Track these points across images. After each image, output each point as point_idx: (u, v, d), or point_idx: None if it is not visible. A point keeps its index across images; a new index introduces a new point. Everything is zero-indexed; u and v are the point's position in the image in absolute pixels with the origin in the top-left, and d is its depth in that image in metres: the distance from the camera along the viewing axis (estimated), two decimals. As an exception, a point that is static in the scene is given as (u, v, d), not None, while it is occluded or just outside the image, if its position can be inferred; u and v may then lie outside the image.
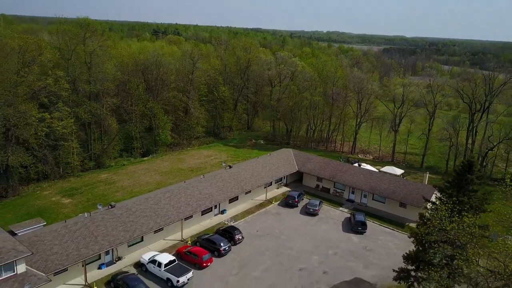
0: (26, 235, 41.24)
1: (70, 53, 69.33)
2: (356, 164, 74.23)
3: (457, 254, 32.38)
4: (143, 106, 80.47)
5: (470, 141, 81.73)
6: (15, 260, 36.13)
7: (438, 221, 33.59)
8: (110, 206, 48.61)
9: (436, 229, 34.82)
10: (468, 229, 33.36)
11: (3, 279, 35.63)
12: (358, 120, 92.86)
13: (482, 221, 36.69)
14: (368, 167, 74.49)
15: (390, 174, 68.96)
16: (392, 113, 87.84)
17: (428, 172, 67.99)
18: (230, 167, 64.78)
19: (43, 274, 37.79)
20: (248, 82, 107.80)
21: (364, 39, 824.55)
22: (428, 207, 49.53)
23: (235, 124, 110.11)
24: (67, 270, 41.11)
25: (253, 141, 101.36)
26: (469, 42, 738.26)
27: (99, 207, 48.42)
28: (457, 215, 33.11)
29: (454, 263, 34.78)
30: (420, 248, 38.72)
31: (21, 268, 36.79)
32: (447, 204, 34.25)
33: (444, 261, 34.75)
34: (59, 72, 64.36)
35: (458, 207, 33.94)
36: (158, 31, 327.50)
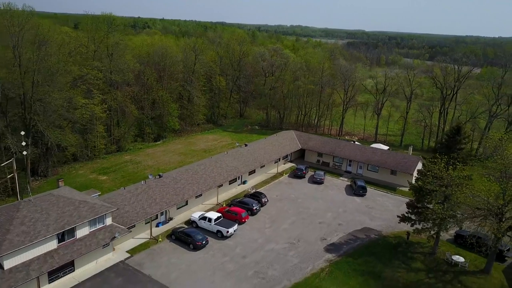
0: (97, 198, 49.22)
1: (96, 46, 76.06)
2: (352, 142, 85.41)
3: (453, 192, 43.69)
4: (156, 94, 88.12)
5: (442, 121, 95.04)
6: (105, 214, 44.46)
7: (437, 170, 44.77)
8: (159, 176, 57.11)
9: (434, 178, 46.07)
10: (457, 177, 44.89)
11: (97, 229, 43.87)
12: (345, 106, 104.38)
13: (467, 173, 48.18)
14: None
15: (379, 148, 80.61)
16: (375, 98, 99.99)
17: (412, 146, 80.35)
18: (246, 145, 74.28)
19: (123, 227, 46.24)
20: (241, 72, 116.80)
21: (327, 33, 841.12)
22: (415, 175, 61.45)
23: (230, 112, 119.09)
24: (135, 226, 49.50)
25: (249, 126, 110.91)
26: (425, 36, 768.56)
27: (150, 176, 56.95)
28: (451, 166, 44.47)
29: (446, 203, 46.20)
30: (419, 197, 50.02)
31: (108, 221, 45.11)
32: (443, 159, 45.52)
33: (439, 201, 45.94)
34: (95, 62, 71.21)
35: (451, 160, 45.32)
36: (127, 25, 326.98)
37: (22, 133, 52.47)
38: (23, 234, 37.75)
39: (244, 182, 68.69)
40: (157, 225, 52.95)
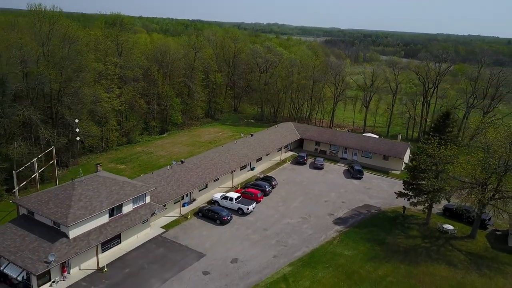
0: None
1: (111, 43, 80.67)
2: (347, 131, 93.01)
3: (444, 168, 51.49)
4: (162, 89, 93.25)
5: (424, 113, 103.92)
6: (145, 193, 50.18)
7: (430, 150, 52.44)
8: (181, 162, 62.94)
9: (427, 157, 53.68)
10: (448, 155, 52.68)
11: (139, 206, 49.56)
12: (335, 99, 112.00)
13: (456, 152, 56.00)
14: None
15: (372, 137, 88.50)
16: (363, 92, 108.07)
17: (400, 134, 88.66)
18: (251, 135, 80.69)
19: (160, 205, 52.04)
20: (235, 69, 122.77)
21: (304, 30, 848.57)
22: (406, 161, 69.36)
23: (225, 107, 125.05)
24: (165, 205, 55.23)
25: (245, 120, 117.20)
26: (399, 34, 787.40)
27: (174, 162, 62.74)
28: (443, 146, 52.24)
29: (439, 177, 53.92)
30: (414, 175, 57.66)
31: (147, 199, 50.85)
32: (435, 139, 53.24)
33: (432, 175, 53.58)
34: (114, 59, 75.90)
35: (442, 141, 53.09)
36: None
37: (76, 120, 57.31)
38: (82, 208, 43.17)
39: (252, 169, 75.10)
40: (183, 205, 58.75)
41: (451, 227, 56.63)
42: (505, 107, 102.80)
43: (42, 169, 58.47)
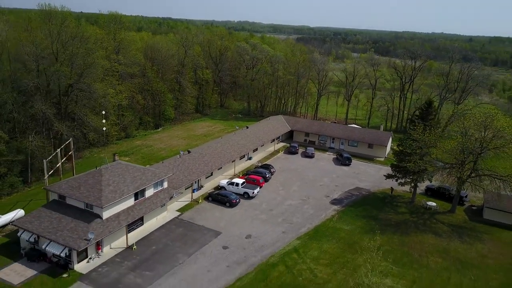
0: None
1: (113, 41, 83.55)
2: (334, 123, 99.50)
3: (428, 151, 58.47)
4: (156, 85, 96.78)
5: (401, 105, 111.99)
6: (164, 178, 54.60)
7: (416, 135, 59.28)
8: (188, 152, 67.44)
9: (413, 141, 60.52)
10: (432, 139, 59.66)
11: (158, 190, 53.96)
12: (319, 94, 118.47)
13: (438, 137, 63.17)
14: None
15: (357, 127, 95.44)
16: (346, 86, 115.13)
17: (382, 125, 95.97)
18: (247, 127, 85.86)
19: (176, 190, 56.57)
20: (223, 65, 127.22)
21: (275, 28, 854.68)
22: (389, 148, 76.21)
23: (212, 102, 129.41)
24: (182, 190, 59.66)
25: (233, 115, 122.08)
26: (367, 32, 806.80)
27: (181, 152, 67.14)
28: (427, 131, 59.16)
29: (423, 159, 60.87)
30: (400, 158, 64.45)
31: (165, 184, 55.27)
32: (420, 126, 60.13)
33: (417, 158, 60.43)
34: (117, 56, 78.92)
35: (426, 127, 60.05)
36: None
37: (103, 112, 60.73)
38: (112, 192, 47.29)
39: (250, 158, 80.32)
40: (193, 191, 63.35)
41: (434, 204, 63.85)
42: (471, 100, 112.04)
43: (64, 159, 61.44)
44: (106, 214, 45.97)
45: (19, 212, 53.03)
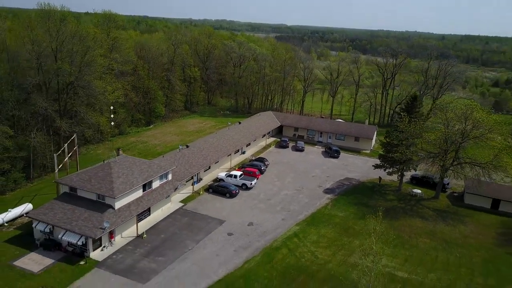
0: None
1: (108, 40, 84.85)
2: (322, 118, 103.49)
3: (415, 141, 62.94)
4: (147, 83, 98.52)
5: (383, 100, 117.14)
6: (168, 171, 57.14)
7: (403, 126, 63.61)
8: (186, 146, 70.00)
9: (399, 132, 64.89)
10: (418, 130, 64.13)
11: (164, 182, 56.47)
12: (304, 90, 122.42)
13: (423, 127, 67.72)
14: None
15: (343, 121, 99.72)
16: (330, 83, 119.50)
17: (367, 119, 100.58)
18: (239, 123, 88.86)
19: (180, 182, 59.18)
20: (210, 63, 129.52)
21: (253, 27, 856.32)
22: (375, 141, 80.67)
23: (200, 100, 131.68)
24: (185, 182, 62.21)
25: (222, 112, 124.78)
26: (344, 30, 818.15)
27: (180, 147, 69.61)
28: (413, 123, 63.60)
29: (409, 149, 65.30)
30: (388, 149, 68.78)
31: (170, 177, 57.82)
32: (406, 118, 64.54)
33: (403, 147, 64.81)
34: (114, 54, 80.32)
35: (412, 120, 64.49)
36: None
37: (112, 107, 62.51)
38: (123, 183, 49.63)
39: (243, 152, 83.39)
40: (193, 184, 66.01)
41: (419, 191, 68.50)
42: (448, 96, 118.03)
43: (70, 154, 62.84)
44: (118, 205, 48.29)
45: (27, 206, 54.79)
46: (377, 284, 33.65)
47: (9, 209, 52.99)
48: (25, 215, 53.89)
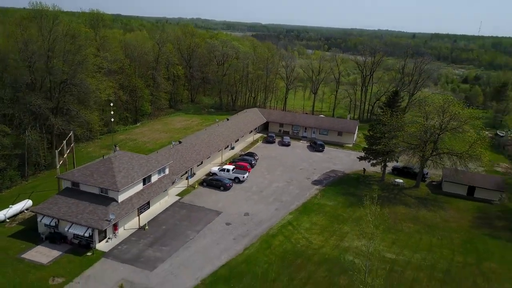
0: (148, 158, 62.99)
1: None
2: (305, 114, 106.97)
3: (397, 133, 67.13)
4: (134, 81, 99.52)
5: (363, 97, 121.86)
6: (166, 165, 59.18)
7: (385, 119, 67.67)
8: (179, 142, 72.01)
9: (382, 126, 68.95)
10: (399, 123, 68.32)
11: (161, 176, 58.50)
12: (287, 87, 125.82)
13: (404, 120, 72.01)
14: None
15: (326, 117, 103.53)
16: (312, 80, 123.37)
17: (349, 114, 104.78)
18: (228, 119, 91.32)
19: (177, 175, 61.24)
20: (193, 61, 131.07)
21: (229, 25, 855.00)
22: (356, 135, 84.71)
23: (184, 98, 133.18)
24: (182, 176, 64.25)
25: (206, 110, 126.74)
26: (319, 29, 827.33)
27: (173, 143, 71.53)
28: (395, 116, 67.74)
29: (390, 142, 69.45)
30: (371, 142, 72.80)
31: (167, 171, 59.85)
32: (388, 112, 68.64)
33: (386, 139, 68.90)
34: (104, 53, 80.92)
35: (394, 113, 68.65)
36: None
37: (111, 104, 63.58)
38: (125, 177, 51.44)
39: (232, 148, 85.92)
40: (187, 178, 68.15)
41: (401, 181, 72.86)
42: (423, 91, 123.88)
43: (68, 150, 63.56)
44: (121, 198, 50.11)
45: (27, 202, 55.78)
46: (372, 264, 36.86)
47: (10, 205, 53.88)
48: (26, 210, 55.01)
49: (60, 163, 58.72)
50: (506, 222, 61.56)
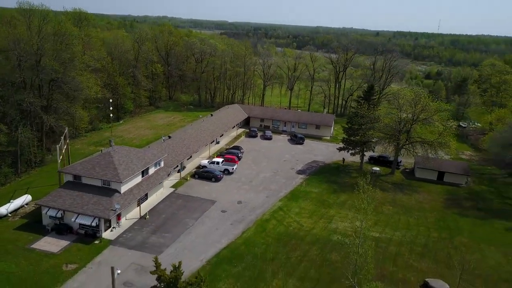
0: (141, 152, 65.51)
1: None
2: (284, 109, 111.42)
3: (373, 124, 72.69)
4: (117, 79, 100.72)
5: (337, 92, 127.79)
6: (161, 158, 62.01)
7: (363, 111, 73.07)
8: (169, 137, 74.75)
9: (360, 118, 74.33)
10: (375, 114, 73.87)
11: (158, 169, 61.33)
12: (264, 84, 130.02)
13: (380, 112, 77.66)
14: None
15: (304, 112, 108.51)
16: (288, 77, 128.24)
17: (326, 109, 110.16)
18: (211, 115, 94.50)
19: (171, 168, 64.18)
20: (171, 59, 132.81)
21: (196, 23, 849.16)
22: (333, 131, 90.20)
23: (162, 95, 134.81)
24: (176, 169, 67.09)
25: (185, 107, 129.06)
26: (286, 27, 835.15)
27: (163, 138, 74.28)
28: (371, 109, 73.23)
29: (367, 133, 74.98)
30: (349, 133, 78.13)
31: (162, 164, 62.68)
32: (365, 104, 74.07)
33: (363, 130, 74.36)
34: (92, 51, 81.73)
35: (371, 106, 74.15)
36: None
37: (110, 100, 65.04)
38: (125, 170, 54.05)
39: (217, 142, 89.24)
40: (178, 171, 71.05)
41: (378, 169, 78.62)
42: (393, 86, 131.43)
43: (65, 145, 65.03)
44: (123, 189, 52.73)
45: (27, 197, 57.29)
46: (364, 242, 41.37)
47: (11, 200, 55.28)
48: (26, 205, 56.55)
49: (61, 158, 60.38)
50: (473, 202, 68.29)
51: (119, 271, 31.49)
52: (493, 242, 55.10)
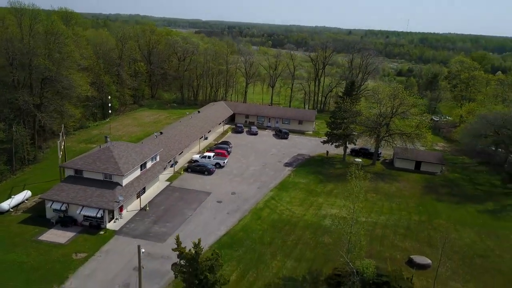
0: (136, 147, 67.67)
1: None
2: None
3: (355, 118, 77.26)
4: (103, 78, 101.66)
5: (316, 89, 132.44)
6: (157, 153, 64.44)
7: (346, 105, 77.49)
8: (160, 133, 77.02)
9: (343, 112, 78.76)
10: (357, 108, 78.42)
11: (154, 163, 63.74)
12: (246, 82, 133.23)
13: (361, 107, 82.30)
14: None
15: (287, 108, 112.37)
16: (270, 75, 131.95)
17: (308, 105, 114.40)
18: (199, 112, 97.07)
19: (167, 162, 66.67)
20: (154, 58, 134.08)
21: (169, 22, 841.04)
22: (315, 126, 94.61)
23: (145, 94, 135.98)
24: (171, 162, 69.51)
25: (169, 104, 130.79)
26: (260, 25, 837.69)
27: (155, 134, 76.47)
28: (354, 103, 77.73)
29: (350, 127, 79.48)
30: (333, 127, 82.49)
31: (158, 158, 65.12)
32: (347, 99, 78.53)
33: (345, 124, 78.80)
34: (82, 50, 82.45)
35: (353, 101, 78.66)
36: None
37: (109, 97, 66.17)
38: (126, 164, 56.34)
39: (206, 138, 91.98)
40: (172, 165, 73.50)
41: (359, 160, 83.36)
42: (369, 82, 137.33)
43: (63, 142, 66.33)
44: (124, 182, 55.04)
45: (27, 193, 58.70)
46: (356, 223, 45.45)
47: (12, 196, 56.62)
48: (26, 200, 57.99)
49: (61, 153, 61.91)
50: (448, 189, 73.80)
51: (143, 250, 34.16)
52: (467, 223, 60.46)
